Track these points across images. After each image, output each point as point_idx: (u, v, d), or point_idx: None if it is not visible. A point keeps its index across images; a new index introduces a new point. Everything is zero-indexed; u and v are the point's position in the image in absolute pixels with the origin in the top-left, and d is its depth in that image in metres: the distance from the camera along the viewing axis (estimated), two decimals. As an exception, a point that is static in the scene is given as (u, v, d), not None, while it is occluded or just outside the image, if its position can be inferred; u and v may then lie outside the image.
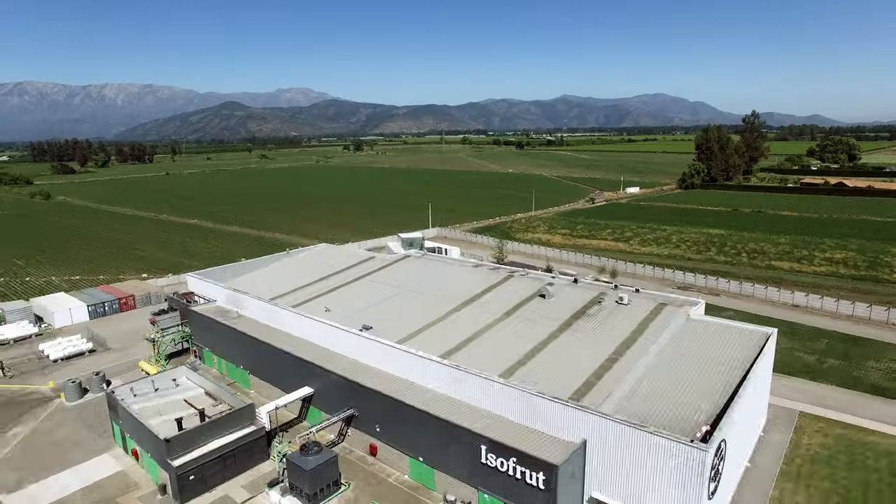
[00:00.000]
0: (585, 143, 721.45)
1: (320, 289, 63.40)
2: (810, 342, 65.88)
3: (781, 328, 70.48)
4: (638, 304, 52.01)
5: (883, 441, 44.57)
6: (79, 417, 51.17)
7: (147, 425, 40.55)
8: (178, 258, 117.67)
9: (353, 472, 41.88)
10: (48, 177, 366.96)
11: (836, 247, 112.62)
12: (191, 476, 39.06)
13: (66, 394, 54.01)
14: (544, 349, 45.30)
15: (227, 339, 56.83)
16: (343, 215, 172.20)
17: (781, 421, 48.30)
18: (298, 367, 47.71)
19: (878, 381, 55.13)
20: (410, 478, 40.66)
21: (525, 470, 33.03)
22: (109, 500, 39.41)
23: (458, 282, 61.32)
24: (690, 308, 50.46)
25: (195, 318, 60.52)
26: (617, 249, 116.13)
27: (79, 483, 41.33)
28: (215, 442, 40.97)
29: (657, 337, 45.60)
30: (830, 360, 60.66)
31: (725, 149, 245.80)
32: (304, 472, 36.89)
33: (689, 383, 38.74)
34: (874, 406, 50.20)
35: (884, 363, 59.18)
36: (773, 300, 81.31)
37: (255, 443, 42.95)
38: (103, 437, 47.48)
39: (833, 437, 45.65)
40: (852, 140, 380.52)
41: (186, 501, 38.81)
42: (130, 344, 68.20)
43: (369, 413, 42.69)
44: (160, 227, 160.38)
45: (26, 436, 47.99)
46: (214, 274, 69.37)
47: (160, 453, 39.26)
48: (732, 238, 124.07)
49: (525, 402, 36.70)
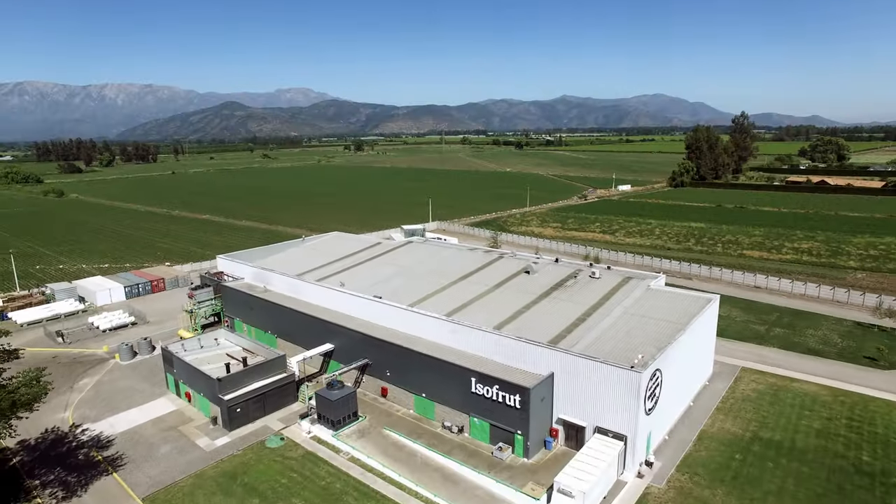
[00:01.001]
0: (584, 143, 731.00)
1: (334, 269, 72.63)
2: (764, 315, 75.24)
3: (741, 305, 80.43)
4: (608, 278, 61.33)
5: (803, 387, 53.96)
6: (134, 372, 60.54)
7: (201, 370, 49.90)
8: (194, 248, 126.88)
9: (368, 409, 51.17)
10: (56, 176, 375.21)
11: (805, 238, 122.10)
12: (237, 409, 48.35)
13: (121, 355, 63.33)
14: (527, 311, 54.55)
15: (256, 308, 66.16)
16: (348, 211, 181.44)
17: (725, 374, 57.60)
18: (320, 328, 57.02)
19: (813, 345, 64.50)
20: (415, 411, 50.04)
21: (505, 394, 42.37)
22: (172, 428, 48.76)
23: (456, 262, 70.60)
24: (651, 280, 59.79)
25: (227, 292, 69.92)
26: (603, 240, 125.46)
27: (145, 417, 50.70)
28: (255, 384, 50.22)
29: (620, 302, 54.91)
30: (777, 329, 69.99)
31: (714, 148, 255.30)
32: (330, 402, 46.25)
33: (641, 334, 47.95)
34: (804, 363, 59.56)
35: (820, 331, 68.56)
36: (738, 283, 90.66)
37: (287, 386, 52.28)
38: (158, 386, 56.80)
39: (765, 384, 55.02)
40: (841, 140, 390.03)
41: (234, 429, 48.06)
42: (166, 318, 77.52)
43: (381, 362, 52.04)
44: (174, 222, 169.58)
45: (94, 385, 57.35)
46: (240, 256, 78.63)
47: (213, 391, 48.56)
48: (711, 231, 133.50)
49: (506, 346, 46.07)
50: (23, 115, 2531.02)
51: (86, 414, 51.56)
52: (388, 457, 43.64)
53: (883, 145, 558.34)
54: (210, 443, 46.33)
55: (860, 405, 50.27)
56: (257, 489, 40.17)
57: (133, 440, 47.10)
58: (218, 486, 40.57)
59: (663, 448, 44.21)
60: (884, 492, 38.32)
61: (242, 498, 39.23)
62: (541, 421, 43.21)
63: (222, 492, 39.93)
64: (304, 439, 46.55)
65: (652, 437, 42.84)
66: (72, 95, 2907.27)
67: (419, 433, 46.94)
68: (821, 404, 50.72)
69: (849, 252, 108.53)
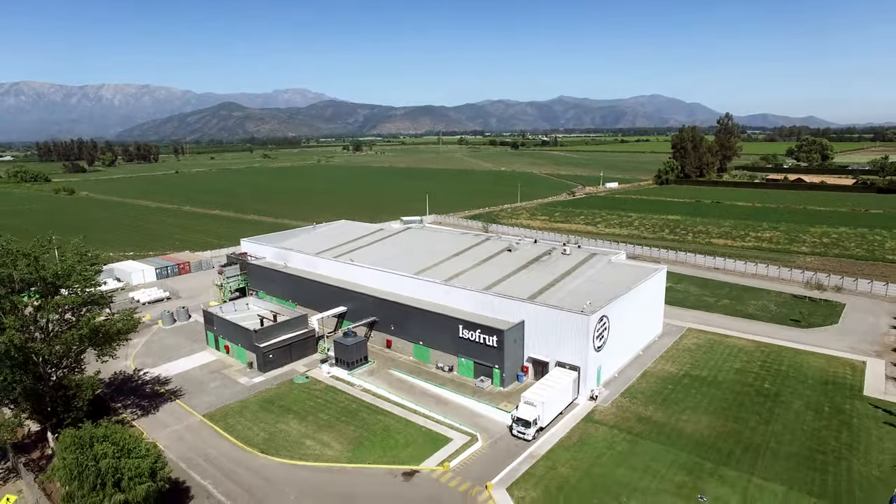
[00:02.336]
0: (579, 143, 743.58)
1: (344, 249, 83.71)
2: (716, 290, 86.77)
3: (698, 282, 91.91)
4: (577, 254, 72.72)
5: (734, 341, 65.45)
6: (176, 334, 71.64)
7: (240, 324, 61.07)
8: (210, 239, 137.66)
9: (375, 357, 62.35)
10: (61, 175, 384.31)
11: (769, 228, 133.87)
12: (269, 355, 59.47)
13: (163, 321, 74.41)
14: (507, 279, 65.76)
15: (278, 281, 77.34)
16: (349, 206, 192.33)
17: (673, 332, 68.97)
18: (335, 294, 68.22)
19: (751, 311, 76.05)
20: (414, 357, 61.33)
21: (485, 336, 53.70)
22: (216, 371, 59.90)
23: (449, 243, 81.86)
24: (612, 255, 71.28)
25: (253, 268, 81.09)
26: (586, 231, 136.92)
27: (192, 364, 61.84)
28: (283, 336, 61.34)
29: (585, 272, 66.28)
30: (725, 301, 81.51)
31: (699, 148, 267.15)
32: (346, 347, 57.50)
33: (596, 292, 59.18)
34: (740, 324, 71.05)
35: (760, 301, 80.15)
36: (700, 265, 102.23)
37: (308, 340, 63.43)
38: (198, 343, 67.88)
39: (704, 339, 66.49)
40: (825, 141, 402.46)
41: (266, 371, 59.14)
42: (195, 294, 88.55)
43: (386, 319, 63.30)
44: (185, 217, 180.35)
45: (145, 343, 68.43)
46: (261, 240, 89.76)
47: (249, 341, 59.67)
48: (686, 222, 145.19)
49: (488, 302, 57.40)
50: (19, 116, 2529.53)
51: (144, 362, 62.68)
52: (393, 388, 54.90)
53: (870, 146, 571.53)
54: (249, 380, 57.48)
55: (775, 353, 61.81)
56: (291, 409, 51.38)
57: (186, 379, 58.26)
58: (260, 407, 51.76)
59: (612, 382, 55.55)
60: (772, 404, 49.93)
61: (280, 414, 50.43)
62: (514, 358, 54.53)
63: (263, 411, 51.12)
64: (324, 377, 57.73)
65: (602, 372, 54.20)
66: (68, 96, 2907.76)
67: (418, 372, 58.24)
68: (745, 353, 62.21)
69: (804, 240, 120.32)
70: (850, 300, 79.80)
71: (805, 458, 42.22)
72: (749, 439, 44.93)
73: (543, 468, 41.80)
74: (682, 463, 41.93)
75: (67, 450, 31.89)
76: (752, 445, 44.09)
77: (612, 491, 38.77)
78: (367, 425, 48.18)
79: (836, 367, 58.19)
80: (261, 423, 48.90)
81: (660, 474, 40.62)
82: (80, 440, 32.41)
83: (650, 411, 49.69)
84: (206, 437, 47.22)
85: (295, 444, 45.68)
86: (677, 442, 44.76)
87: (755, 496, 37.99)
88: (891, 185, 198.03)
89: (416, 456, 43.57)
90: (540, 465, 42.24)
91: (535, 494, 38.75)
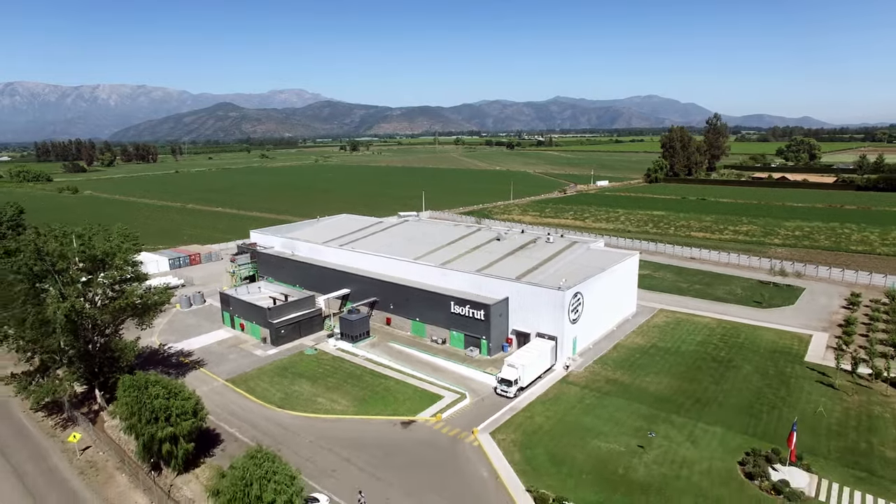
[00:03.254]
0: (574, 143, 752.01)
1: (346, 239, 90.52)
2: (690, 277, 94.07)
3: (674, 270, 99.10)
4: (559, 242, 79.86)
5: (700, 319, 72.68)
6: (194, 315, 78.44)
7: (255, 304, 67.94)
8: (214, 234, 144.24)
9: (376, 333, 69.32)
10: (62, 175, 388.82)
11: (748, 223, 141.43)
12: (281, 331, 66.31)
13: (181, 304, 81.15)
14: (496, 264, 72.72)
15: (286, 268, 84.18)
16: (347, 203, 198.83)
17: (646, 312, 76.12)
18: (339, 278, 75.12)
19: (719, 295, 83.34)
20: (411, 332, 68.33)
21: (474, 311, 60.74)
22: (234, 346, 66.74)
23: (442, 233, 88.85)
24: (591, 243, 78.48)
25: (262, 256, 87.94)
26: (574, 225, 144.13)
27: (211, 340, 68.68)
28: (293, 314, 68.17)
29: (566, 257, 73.35)
30: (697, 286, 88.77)
31: (687, 147, 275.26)
32: (351, 322, 64.45)
33: (573, 273, 66.20)
34: (707, 305, 78.32)
35: (729, 286, 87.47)
36: (678, 255, 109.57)
37: (315, 318, 70.28)
38: (215, 322, 74.69)
39: (673, 318, 73.72)
40: (813, 141, 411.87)
41: (278, 345, 65.95)
42: (207, 282, 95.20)
43: (386, 299, 70.26)
44: (190, 214, 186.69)
45: (167, 322, 75.17)
46: (268, 231, 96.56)
47: (263, 318, 66.48)
48: (669, 217, 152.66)
49: (478, 282, 64.49)
50: (14, 116, 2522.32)
51: (167, 338, 69.44)
52: (393, 357, 61.87)
53: (859, 146, 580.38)
54: (263, 352, 64.34)
55: (734, 328, 69.09)
56: (303, 374, 58.31)
57: (207, 352, 65.10)
58: (275, 373, 58.67)
59: (587, 353, 62.65)
60: (724, 369, 57.26)
61: (293, 379, 57.34)
62: (500, 330, 61.59)
63: (279, 376, 58.03)
64: (331, 349, 64.64)
65: (578, 343, 61.33)
66: (63, 96, 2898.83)
67: (414, 344, 65.23)
68: (708, 328, 69.46)
69: (778, 233, 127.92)
70: (810, 284, 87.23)
71: (745, 408, 49.44)
72: (700, 395, 52.12)
73: (522, 418, 48.86)
74: (641, 413, 49.05)
75: (127, 391, 38.75)
76: (702, 399, 51.29)
77: (579, 433, 45.86)
78: (370, 387, 55.14)
79: (786, 339, 65.49)
80: (277, 386, 55.81)
81: (620, 421, 47.74)
82: (136, 383, 39.26)
83: (618, 375, 56.83)
84: (230, 397, 54.06)
85: (308, 401, 52.61)
86: (638, 398, 51.88)
87: (698, 435, 45.16)
88: (868, 183, 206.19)
89: (413, 409, 50.55)
90: (519, 415, 49.29)
91: (514, 437, 45.79)
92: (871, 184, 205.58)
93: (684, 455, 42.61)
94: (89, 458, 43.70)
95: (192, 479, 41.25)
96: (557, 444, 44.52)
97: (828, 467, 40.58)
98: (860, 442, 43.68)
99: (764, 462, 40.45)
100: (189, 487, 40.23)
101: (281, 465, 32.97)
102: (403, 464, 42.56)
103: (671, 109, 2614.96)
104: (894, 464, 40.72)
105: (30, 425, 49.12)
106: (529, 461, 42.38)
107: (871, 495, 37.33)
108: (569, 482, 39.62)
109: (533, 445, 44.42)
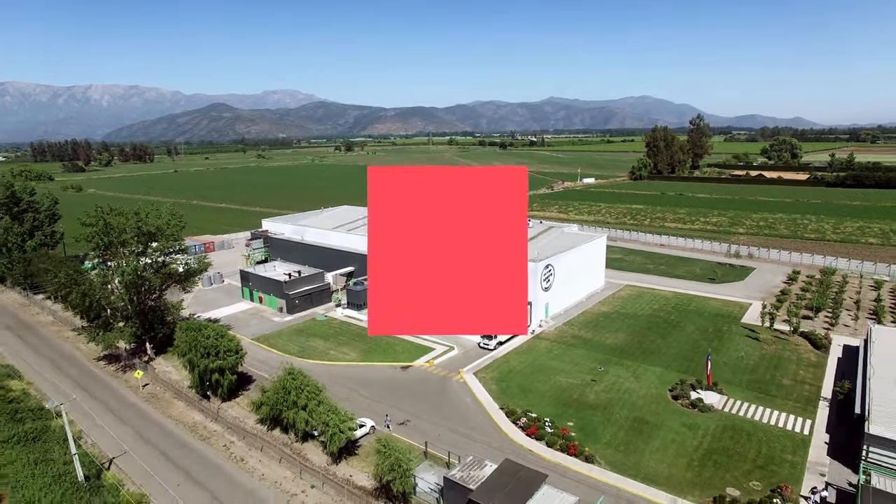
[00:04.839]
0: (565, 143, 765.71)
1: (349, 227, 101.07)
2: (657, 260, 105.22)
3: (643, 255, 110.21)
4: (538, 227, 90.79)
5: (658, 292, 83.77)
6: (215, 292, 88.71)
7: (272, 278, 78.30)
8: (222, 227, 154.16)
9: (378, 305, 79.74)
10: (62, 174, 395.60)
11: (718, 215, 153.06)
12: (295, 301, 76.70)
13: (203, 283, 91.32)
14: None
15: (297, 251, 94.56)
16: (346, 199, 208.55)
17: (612, 287, 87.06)
18: (344, 257, 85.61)
19: (679, 274, 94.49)
20: (408, 303, 78.80)
21: (462, 281, 71.29)
22: (254, 314, 77.10)
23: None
24: (565, 227, 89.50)
25: (274, 241, 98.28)
26: (557, 217, 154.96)
27: (234, 310, 79.02)
28: (305, 287, 78.58)
29: (543, 239, 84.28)
30: (662, 267, 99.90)
31: (671, 146, 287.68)
32: (357, 292, 74.99)
33: (546, 251, 77.16)
34: (667, 282, 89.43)
35: (690, 268, 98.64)
36: (649, 242, 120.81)
37: (324, 291, 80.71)
38: (235, 298, 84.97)
39: (635, 291, 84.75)
40: (794, 140, 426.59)
41: (293, 314, 76.28)
42: (224, 265, 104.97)
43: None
44: (195, 209, 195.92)
45: (192, 297, 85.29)
46: (279, 220, 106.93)
47: (280, 290, 76.83)
48: (646, 210, 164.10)
49: (464, 258, 75.01)
50: (5, 116, 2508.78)
51: (195, 310, 79.57)
52: (392, 321, 72.34)
53: (842, 146, 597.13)
54: (280, 319, 74.73)
55: (687, 299, 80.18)
56: (316, 334, 68.78)
57: (232, 319, 75.38)
58: (292, 334, 69.11)
59: (558, 317, 73.48)
60: (671, 328, 68.34)
61: (308, 337, 67.82)
62: (483, 298, 72.17)
63: (296, 335, 68.49)
64: (340, 317, 75.15)
65: (550, 308, 72.14)
66: (55, 96, 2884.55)
67: (411, 313, 75.73)
68: (664, 299, 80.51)
69: (744, 223, 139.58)
70: (761, 265, 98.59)
71: (682, 355, 60.44)
72: (648, 346, 63.08)
73: (500, 363, 59.60)
74: (598, 359, 59.89)
75: (185, 332, 49.12)
76: (649, 349, 62.24)
77: (545, 372, 56.67)
78: (373, 342, 65.67)
79: (730, 307, 76.62)
80: (295, 342, 66.27)
81: (580, 364, 58.59)
82: (192, 326, 49.64)
83: (582, 332, 67.71)
84: (255, 351, 64.40)
85: (322, 353, 63.12)
86: (597, 348, 62.76)
87: (641, 373, 56.08)
88: (837, 180, 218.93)
89: (410, 358, 61.17)
90: (497, 361, 60.03)
91: (492, 375, 56.52)
92: (839, 180, 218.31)
93: (628, 386, 53.49)
94: (150, 391, 54.02)
95: (234, 405, 51.70)
96: (527, 379, 55.31)
97: (737, 392, 51.59)
98: (766, 375, 54.78)
99: (688, 388, 51.41)
100: (232, 410, 50.65)
101: (310, 380, 43.50)
102: (404, 395, 53.17)
103: (665, 110, 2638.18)
104: (787, 388, 51.85)
105: (96, 370, 59.32)
106: (504, 391, 53.11)
107: (762, 406, 48.38)
108: (534, 402, 50.38)
109: (507, 380, 55.18)
